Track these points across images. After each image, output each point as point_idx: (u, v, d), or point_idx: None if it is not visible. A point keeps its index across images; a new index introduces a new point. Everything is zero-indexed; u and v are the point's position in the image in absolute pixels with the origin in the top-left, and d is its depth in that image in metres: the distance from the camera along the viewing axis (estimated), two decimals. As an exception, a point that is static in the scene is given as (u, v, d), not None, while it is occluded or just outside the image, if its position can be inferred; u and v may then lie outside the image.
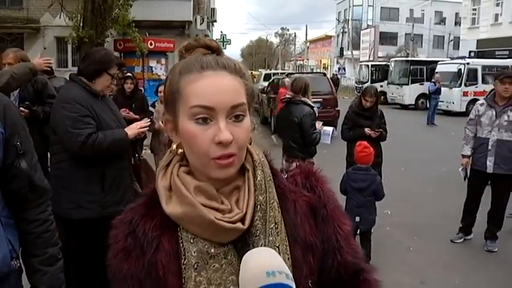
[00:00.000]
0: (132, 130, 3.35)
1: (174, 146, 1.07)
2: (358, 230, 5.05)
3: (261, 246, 1.00)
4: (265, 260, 0.89)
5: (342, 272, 1.10)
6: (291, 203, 1.07)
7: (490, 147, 5.54)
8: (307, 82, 5.97)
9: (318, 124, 5.78)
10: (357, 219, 4.94)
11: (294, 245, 1.04)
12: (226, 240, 1.00)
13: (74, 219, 3.16)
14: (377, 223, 5.46)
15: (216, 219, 0.97)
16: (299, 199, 1.08)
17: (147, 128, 3.57)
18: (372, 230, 5.53)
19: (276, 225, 1.02)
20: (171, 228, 1.02)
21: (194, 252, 0.99)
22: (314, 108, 5.78)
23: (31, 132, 1.99)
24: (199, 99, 0.97)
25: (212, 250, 0.99)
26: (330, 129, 5.86)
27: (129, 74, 7.87)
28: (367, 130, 5.97)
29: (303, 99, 5.70)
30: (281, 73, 23.30)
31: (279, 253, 0.97)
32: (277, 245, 1.01)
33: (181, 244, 1.01)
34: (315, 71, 48.68)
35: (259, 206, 1.02)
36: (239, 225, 0.99)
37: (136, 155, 3.90)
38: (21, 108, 4.70)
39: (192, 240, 1.00)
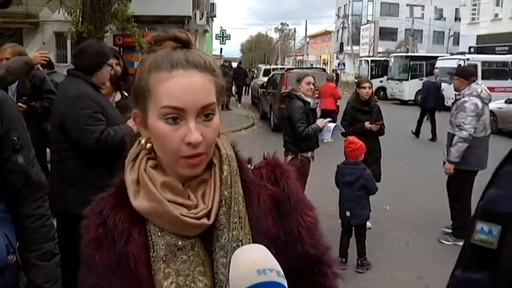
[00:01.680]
0: (133, 124, 3.34)
1: (142, 141, 1.08)
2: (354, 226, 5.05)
3: (225, 240, 1.02)
4: (256, 258, 0.89)
5: (302, 263, 1.11)
6: (255, 197, 1.08)
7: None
8: (302, 74, 6.11)
9: (320, 121, 5.81)
10: (348, 214, 4.94)
11: (257, 238, 1.05)
12: (192, 234, 1.02)
13: (82, 214, 3.14)
14: (375, 218, 5.47)
15: (182, 216, 0.99)
16: (263, 193, 1.09)
17: None
18: (370, 225, 5.54)
19: (240, 220, 1.04)
20: (140, 220, 1.04)
21: (162, 245, 1.02)
22: (310, 103, 5.82)
23: (29, 128, 1.99)
24: (170, 100, 0.97)
25: (180, 242, 1.01)
26: (331, 125, 5.87)
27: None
28: (367, 124, 5.99)
29: (297, 93, 5.78)
30: (280, 68, 23.25)
31: None
32: (241, 239, 1.03)
33: (149, 237, 1.03)
34: (314, 66, 48.57)
35: (224, 201, 1.04)
36: (204, 220, 1.01)
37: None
38: (19, 103, 4.70)
39: (160, 234, 1.02)
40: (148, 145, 1.07)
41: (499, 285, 1.14)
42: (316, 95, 7.75)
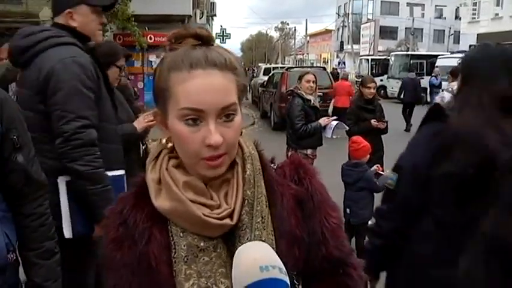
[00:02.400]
0: (140, 124, 3.37)
1: (164, 140, 1.07)
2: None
3: (247, 240, 1.00)
4: (259, 254, 0.89)
5: (325, 265, 1.09)
6: (278, 197, 1.07)
7: None
8: (303, 72, 6.24)
9: (323, 119, 5.84)
10: (348, 211, 4.93)
11: (280, 238, 1.04)
12: (215, 235, 1.00)
13: None
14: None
15: (204, 216, 0.98)
16: (286, 192, 1.08)
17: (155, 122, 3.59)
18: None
19: (263, 220, 1.03)
20: (161, 220, 1.03)
21: (184, 246, 1.00)
22: (310, 101, 5.84)
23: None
24: (189, 102, 0.96)
25: (202, 244, 1.00)
26: (333, 123, 5.88)
27: None
28: (373, 122, 6.02)
29: (298, 92, 5.82)
30: (281, 67, 23.26)
31: None
32: (263, 239, 1.01)
33: (171, 237, 1.02)
34: (315, 65, 48.56)
35: (246, 201, 1.02)
36: (227, 221, 1.00)
37: (143, 147, 3.94)
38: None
39: (181, 234, 1.01)
40: (170, 144, 1.06)
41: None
42: (319, 94, 7.74)
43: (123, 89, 5.97)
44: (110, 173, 2.49)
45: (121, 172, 2.67)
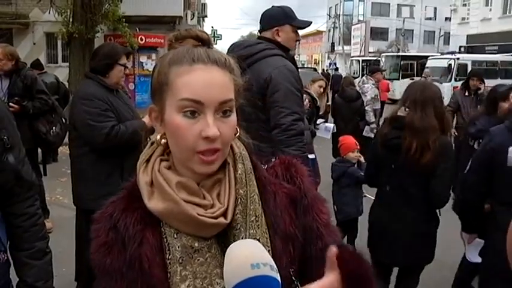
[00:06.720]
0: (148, 119, 3.41)
1: (158, 137, 1.07)
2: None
3: (242, 239, 0.99)
4: (249, 252, 0.88)
5: (321, 255, 1.07)
6: (270, 195, 1.07)
7: None
8: (317, 77, 6.74)
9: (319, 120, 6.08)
10: (334, 208, 4.99)
11: (274, 236, 1.04)
12: (209, 235, 1.00)
13: (94, 210, 3.22)
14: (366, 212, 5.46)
15: (199, 215, 0.97)
16: (279, 191, 1.08)
17: None
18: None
19: (257, 218, 1.02)
20: (153, 222, 1.02)
21: (178, 247, 0.99)
22: (317, 102, 6.19)
23: (21, 128, 2.00)
24: (189, 93, 0.97)
25: (196, 244, 0.99)
26: (331, 125, 6.20)
27: None
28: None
29: (309, 91, 6.08)
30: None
31: None
32: (258, 237, 1.00)
33: (164, 239, 1.01)
34: (306, 66, 48.57)
35: (239, 200, 1.02)
36: (221, 220, 0.99)
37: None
38: (10, 103, 4.70)
39: (175, 235, 1.00)
40: (163, 141, 1.06)
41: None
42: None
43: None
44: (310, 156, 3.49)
45: (313, 156, 4.32)
